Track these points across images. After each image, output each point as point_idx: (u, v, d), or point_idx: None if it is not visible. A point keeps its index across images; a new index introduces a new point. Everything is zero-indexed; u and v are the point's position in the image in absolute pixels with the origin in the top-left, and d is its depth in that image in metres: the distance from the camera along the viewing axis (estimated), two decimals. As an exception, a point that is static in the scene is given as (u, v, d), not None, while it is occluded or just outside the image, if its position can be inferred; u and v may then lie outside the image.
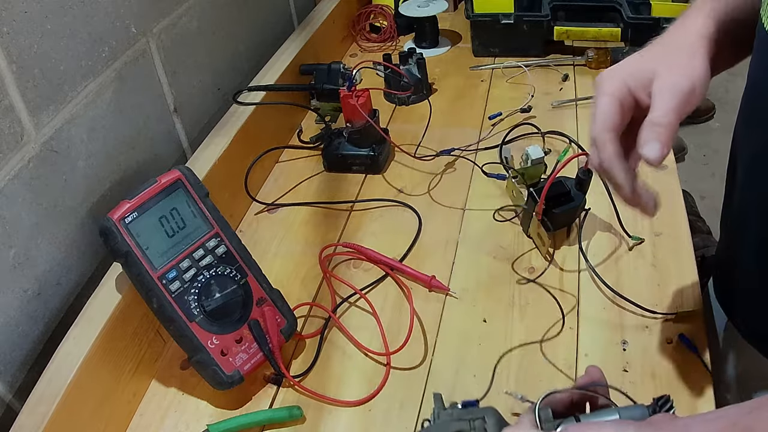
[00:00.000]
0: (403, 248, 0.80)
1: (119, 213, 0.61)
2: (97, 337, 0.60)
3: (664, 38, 0.54)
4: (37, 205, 0.63)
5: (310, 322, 0.73)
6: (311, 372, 0.67)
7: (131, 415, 0.65)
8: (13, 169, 0.60)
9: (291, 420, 0.62)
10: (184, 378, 0.68)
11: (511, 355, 0.66)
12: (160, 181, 0.64)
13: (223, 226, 0.67)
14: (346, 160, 0.94)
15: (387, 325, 0.70)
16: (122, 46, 0.75)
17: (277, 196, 0.92)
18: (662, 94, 0.49)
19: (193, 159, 0.84)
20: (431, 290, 0.75)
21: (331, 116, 1.04)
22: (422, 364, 0.66)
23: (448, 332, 0.69)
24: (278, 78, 1.01)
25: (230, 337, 0.64)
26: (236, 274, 0.66)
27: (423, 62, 1.08)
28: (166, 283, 0.62)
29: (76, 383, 0.57)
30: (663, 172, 0.86)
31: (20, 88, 0.60)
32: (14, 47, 0.59)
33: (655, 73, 0.50)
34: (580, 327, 0.68)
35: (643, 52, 0.53)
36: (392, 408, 0.62)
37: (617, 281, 0.72)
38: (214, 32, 0.96)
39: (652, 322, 0.67)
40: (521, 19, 1.15)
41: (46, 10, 0.63)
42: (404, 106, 1.08)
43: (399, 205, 0.87)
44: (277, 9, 1.19)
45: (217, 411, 0.65)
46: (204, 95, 0.94)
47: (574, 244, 0.77)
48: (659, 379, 0.61)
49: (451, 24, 1.34)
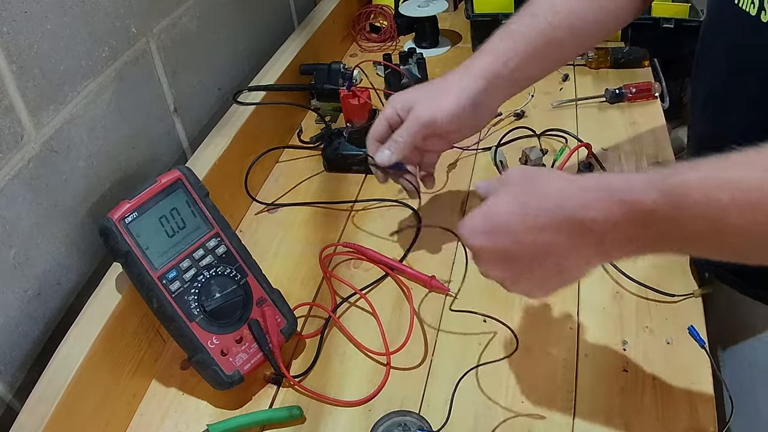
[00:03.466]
0: (403, 248, 0.80)
1: (119, 213, 0.61)
2: (97, 337, 0.60)
3: (445, 76, 0.70)
4: (37, 205, 0.63)
5: (310, 322, 0.73)
6: (311, 372, 0.67)
7: (131, 415, 0.65)
8: (13, 169, 0.60)
9: (291, 420, 0.62)
10: (184, 378, 0.68)
11: (512, 356, 0.66)
12: (160, 181, 0.64)
13: (223, 226, 0.67)
14: (346, 160, 0.94)
15: (387, 325, 0.70)
16: (122, 46, 0.75)
17: (277, 196, 0.92)
18: (408, 121, 0.69)
19: (193, 159, 0.84)
20: (431, 290, 0.75)
21: (331, 116, 1.04)
22: (422, 364, 0.66)
23: (448, 332, 0.69)
24: (278, 78, 1.01)
25: (230, 337, 0.64)
26: (236, 274, 0.66)
27: (423, 62, 1.08)
28: (166, 283, 0.62)
29: (76, 383, 0.57)
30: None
31: (20, 88, 0.60)
32: (14, 47, 0.59)
33: (414, 104, 0.69)
34: (580, 327, 0.68)
35: (424, 85, 0.72)
36: (392, 408, 0.62)
37: (618, 280, 0.72)
38: (214, 32, 0.96)
39: (652, 322, 0.67)
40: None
41: (46, 10, 0.63)
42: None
43: (399, 205, 0.87)
44: (277, 9, 1.19)
45: (217, 411, 0.65)
46: (204, 95, 0.94)
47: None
48: (659, 379, 0.61)
49: (451, 24, 1.34)
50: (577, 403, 0.60)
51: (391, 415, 0.61)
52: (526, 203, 0.49)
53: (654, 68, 1.09)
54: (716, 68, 0.64)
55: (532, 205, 0.48)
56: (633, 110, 1.00)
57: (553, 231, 0.47)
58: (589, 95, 1.04)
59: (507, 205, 0.50)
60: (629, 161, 0.90)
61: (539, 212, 0.48)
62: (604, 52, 1.11)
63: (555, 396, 0.61)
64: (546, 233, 0.48)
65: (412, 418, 0.60)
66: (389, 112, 0.71)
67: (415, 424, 0.59)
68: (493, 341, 0.67)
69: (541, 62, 0.70)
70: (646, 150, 0.91)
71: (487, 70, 0.68)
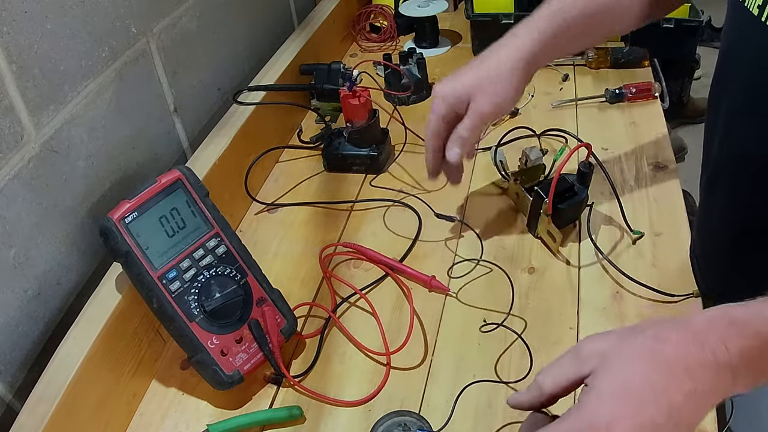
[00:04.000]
0: (403, 248, 0.80)
1: (119, 213, 0.61)
2: (97, 337, 0.60)
3: (484, 60, 0.70)
4: (37, 205, 0.63)
5: (310, 322, 0.73)
6: (311, 372, 0.67)
7: (131, 415, 0.65)
8: (13, 169, 0.60)
9: (291, 420, 0.62)
10: (184, 378, 0.68)
11: (511, 356, 0.66)
12: (160, 181, 0.64)
13: (223, 226, 0.67)
14: (346, 160, 0.94)
15: (387, 325, 0.70)
16: (122, 46, 0.75)
17: (277, 196, 0.92)
18: (470, 115, 0.69)
19: (193, 159, 0.84)
20: (431, 290, 0.75)
21: (331, 116, 1.04)
22: (422, 364, 0.66)
23: (448, 332, 0.69)
24: (278, 78, 1.01)
25: (230, 337, 0.64)
26: (236, 274, 0.66)
27: (423, 62, 1.08)
28: (166, 283, 0.62)
29: (76, 383, 0.57)
30: (663, 172, 0.87)
31: (20, 88, 0.60)
32: (14, 47, 0.59)
33: (470, 97, 0.69)
34: (580, 327, 0.68)
35: (466, 72, 0.70)
36: (392, 408, 0.62)
37: (617, 280, 0.72)
38: (214, 32, 0.96)
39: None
40: (521, 19, 1.14)
41: (46, 10, 0.63)
42: (404, 106, 1.08)
43: (399, 205, 0.87)
44: (277, 9, 1.19)
45: (217, 411, 0.65)
46: (204, 95, 0.94)
47: (575, 242, 0.77)
48: (659, 379, 0.61)
49: (451, 24, 1.34)
50: (577, 403, 0.60)
51: (391, 415, 0.61)
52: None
53: (654, 68, 1.09)
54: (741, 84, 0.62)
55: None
56: (633, 110, 1.00)
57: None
58: (589, 95, 1.04)
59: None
60: (629, 161, 0.90)
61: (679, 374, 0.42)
62: (604, 52, 1.11)
63: (555, 396, 0.61)
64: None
65: (412, 418, 0.60)
66: (443, 109, 0.70)
67: (415, 424, 0.59)
68: (493, 341, 0.67)
69: (592, 27, 0.72)
70: (646, 150, 0.91)
71: (537, 40, 0.69)
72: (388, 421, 0.60)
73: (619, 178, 0.86)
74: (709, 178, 0.69)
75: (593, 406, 0.42)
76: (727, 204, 0.66)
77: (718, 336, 0.42)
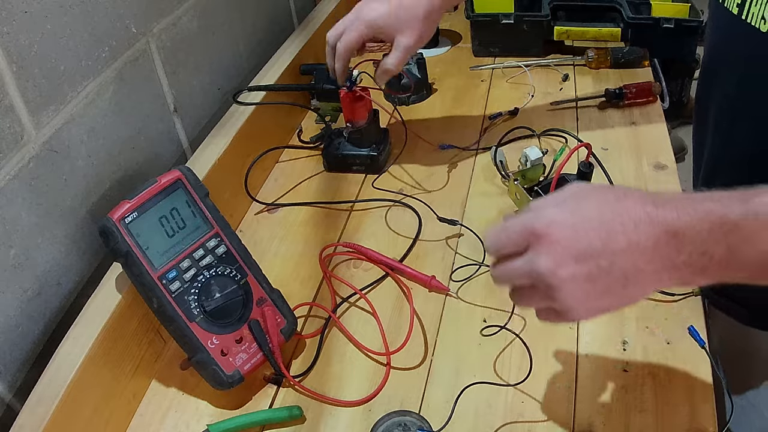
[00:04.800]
0: (403, 248, 0.80)
1: (119, 213, 0.61)
2: (97, 337, 0.60)
3: None
4: (37, 205, 0.63)
5: (310, 322, 0.73)
6: (311, 372, 0.67)
7: (131, 415, 0.65)
8: (13, 169, 0.60)
9: (291, 420, 0.62)
10: (184, 378, 0.68)
11: (511, 355, 0.66)
12: (160, 181, 0.64)
13: (223, 226, 0.67)
14: (346, 160, 0.94)
15: (387, 325, 0.70)
16: (122, 46, 0.75)
17: (277, 196, 0.92)
18: (398, 50, 0.80)
19: (193, 159, 0.84)
20: (431, 290, 0.75)
21: (331, 116, 1.04)
22: (422, 364, 0.66)
23: (448, 332, 0.69)
24: (278, 78, 1.01)
25: (230, 337, 0.64)
26: (236, 274, 0.66)
27: (423, 62, 1.08)
28: (166, 283, 0.62)
29: (76, 383, 0.57)
30: (663, 172, 0.87)
31: (20, 88, 0.60)
32: (14, 47, 0.59)
33: (396, 31, 0.79)
34: (580, 327, 0.68)
35: (388, 9, 0.79)
36: (392, 408, 0.62)
37: (617, 281, 0.72)
38: (214, 32, 0.96)
39: (652, 322, 0.67)
40: (521, 19, 1.15)
41: (46, 10, 0.63)
42: (404, 106, 1.08)
43: (399, 205, 0.87)
44: (277, 9, 1.19)
45: (217, 411, 0.65)
46: (204, 95, 0.94)
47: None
48: (659, 379, 0.61)
49: (451, 24, 1.34)
50: (577, 403, 0.60)
51: (391, 415, 0.61)
52: (608, 219, 0.44)
53: (654, 68, 1.09)
54: (727, 82, 0.64)
55: (617, 219, 0.44)
56: (633, 110, 1.00)
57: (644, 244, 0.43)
58: (589, 95, 1.04)
59: (585, 222, 0.45)
60: (629, 161, 0.90)
61: (625, 226, 0.43)
62: (604, 52, 1.11)
63: (555, 396, 0.61)
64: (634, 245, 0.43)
65: (412, 418, 0.60)
66: (369, 34, 0.82)
67: (415, 424, 0.59)
68: (493, 341, 0.67)
69: None
70: (646, 150, 0.91)
71: None
72: (388, 421, 0.60)
73: (619, 178, 0.86)
74: (706, 177, 0.69)
75: (539, 208, 0.46)
76: None
77: (673, 206, 0.43)
